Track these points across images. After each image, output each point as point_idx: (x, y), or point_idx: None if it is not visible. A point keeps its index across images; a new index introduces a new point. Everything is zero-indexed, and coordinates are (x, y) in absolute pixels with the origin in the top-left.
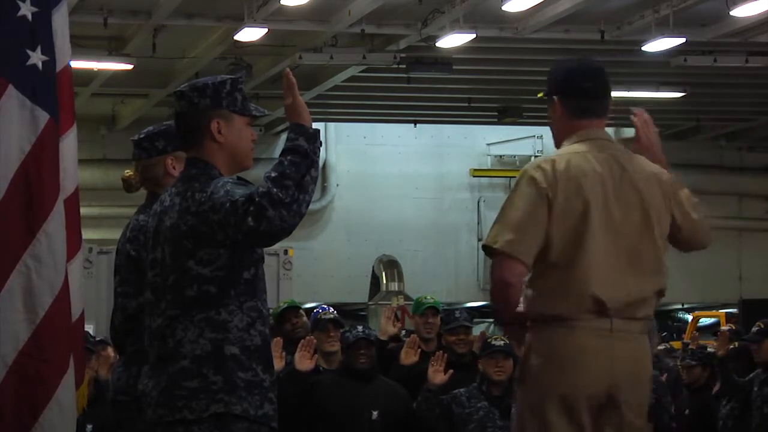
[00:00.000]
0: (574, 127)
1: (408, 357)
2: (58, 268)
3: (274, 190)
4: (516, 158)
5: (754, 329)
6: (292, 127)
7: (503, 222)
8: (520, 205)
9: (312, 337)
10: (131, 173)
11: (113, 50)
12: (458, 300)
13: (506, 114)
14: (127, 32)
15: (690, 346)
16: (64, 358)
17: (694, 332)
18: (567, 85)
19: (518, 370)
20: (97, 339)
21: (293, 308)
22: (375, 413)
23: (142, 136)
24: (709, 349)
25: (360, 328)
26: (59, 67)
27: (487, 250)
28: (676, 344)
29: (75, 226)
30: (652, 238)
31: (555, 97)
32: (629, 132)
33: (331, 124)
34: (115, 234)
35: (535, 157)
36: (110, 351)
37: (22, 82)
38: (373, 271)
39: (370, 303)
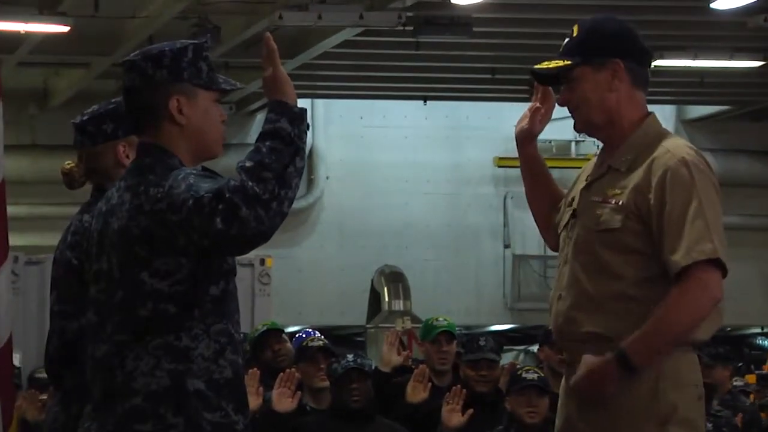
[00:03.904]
0: (638, 102)
1: (416, 393)
2: None
3: (249, 183)
4: (552, 144)
5: None
6: (272, 105)
7: (713, 228)
8: (718, 207)
9: (294, 369)
10: (73, 164)
11: (45, 8)
12: (479, 323)
13: None
14: None
15: None
16: None
17: None
18: (635, 46)
19: (658, 406)
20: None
21: (274, 331)
22: None
23: (85, 118)
24: None
25: (350, 357)
26: None
27: (694, 264)
28: (752, 378)
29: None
30: None
31: (618, 60)
32: (694, 111)
33: (320, 101)
34: (48, 239)
35: (577, 142)
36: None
37: None
38: (372, 285)
39: (368, 326)
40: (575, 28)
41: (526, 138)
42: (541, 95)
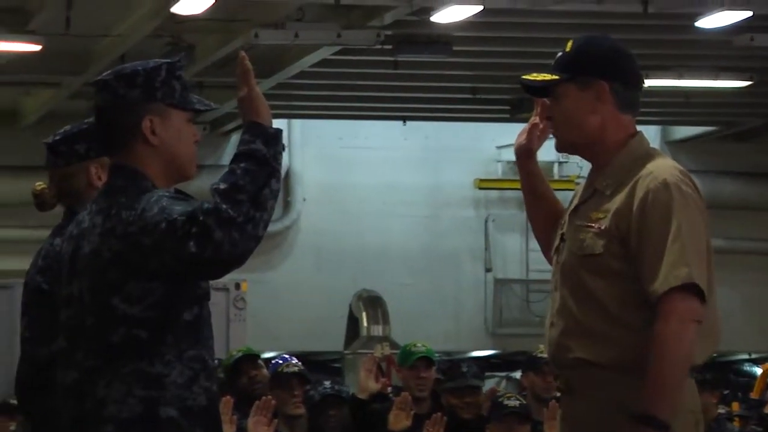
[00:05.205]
0: (624, 123)
1: (398, 421)
2: None
3: (224, 206)
4: None
5: None
6: (247, 126)
7: (691, 251)
8: (700, 230)
9: (270, 396)
10: (44, 186)
11: (15, 26)
12: (459, 348)
13: (521, 108)
14: (32, 3)
15: (766, 409)
16: None
17: None
18: (625, 69)
19: None
20: None
21: (250, 357)
22: None
23: (57, 138)
24: None
25: (328, 383)
26: None
27: (670, 290)
28: (736, 406)
29: None
30: None
31: (603, 81)
32: (678, 132)
33: (297, 122)
34: (17, 263)
35: (560, 163)
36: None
37: None
38: (350, 310)
39: (346, 352)
40: (569, 44)
41: (524, 154)
42: (540, 111)
